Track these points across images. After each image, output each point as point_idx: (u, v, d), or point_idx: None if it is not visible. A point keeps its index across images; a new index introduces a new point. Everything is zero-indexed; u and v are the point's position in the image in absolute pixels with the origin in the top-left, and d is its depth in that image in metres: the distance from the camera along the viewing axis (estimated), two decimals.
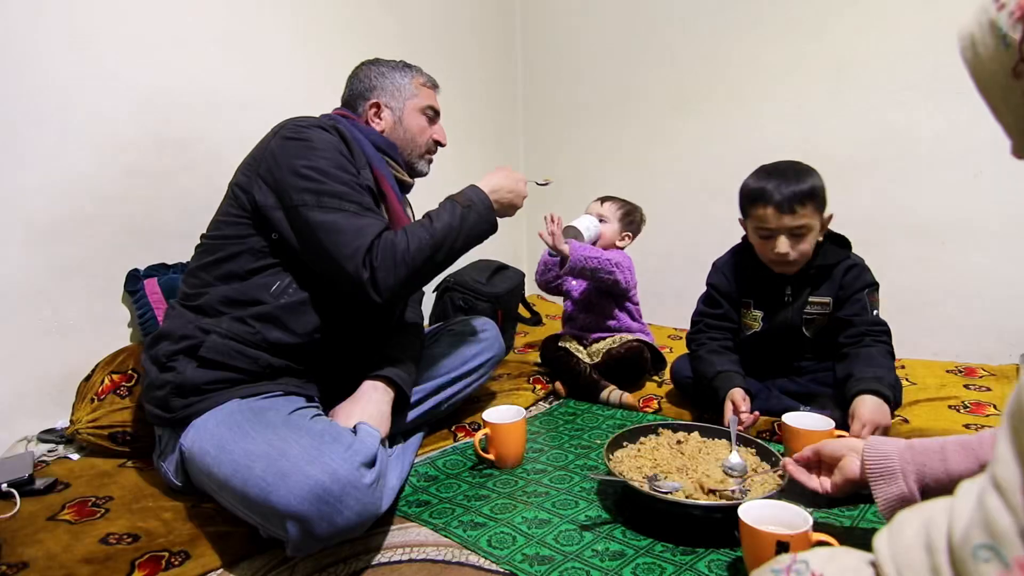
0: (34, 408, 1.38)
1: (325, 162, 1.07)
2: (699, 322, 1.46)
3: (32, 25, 1.36)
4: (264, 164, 1.09)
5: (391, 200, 1.19)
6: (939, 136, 1.79)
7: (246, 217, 1.11)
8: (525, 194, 1.25)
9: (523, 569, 0.88)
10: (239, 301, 1.08)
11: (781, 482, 0.98)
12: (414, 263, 1.05)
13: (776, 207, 1.22)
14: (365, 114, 1.27)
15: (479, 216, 1.14)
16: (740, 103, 2.15)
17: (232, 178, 1.16)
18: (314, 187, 1.05)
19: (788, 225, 1.23)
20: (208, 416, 0.99)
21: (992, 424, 1.22)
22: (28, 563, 0.90)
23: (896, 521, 0.43)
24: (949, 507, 0.38)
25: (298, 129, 1.10)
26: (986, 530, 0.33)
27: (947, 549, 0.36)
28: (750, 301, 1.40)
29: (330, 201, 1.04)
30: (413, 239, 1.06)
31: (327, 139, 1.10)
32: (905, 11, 1.80)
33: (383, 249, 1.04)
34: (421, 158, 1.33)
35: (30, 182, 1.37)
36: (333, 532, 0.82)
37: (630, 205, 1.80)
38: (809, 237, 1.25)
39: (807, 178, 1.23)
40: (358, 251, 1.02)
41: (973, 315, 1.79)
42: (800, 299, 1.34)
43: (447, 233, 1.09)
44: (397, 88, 1.28)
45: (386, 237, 1.05)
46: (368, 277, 1.03)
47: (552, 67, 2.67)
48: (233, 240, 1.11)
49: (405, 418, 1.28)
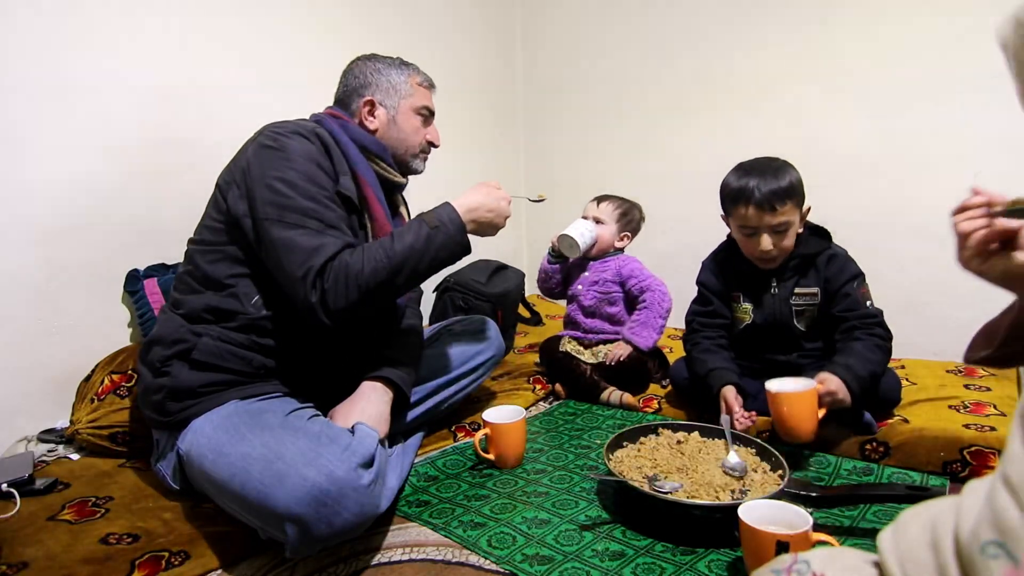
0: (34, 408, 1.38)
1: (295, 174, 1.04)
2: (692, 321, 1.47)
3: (32, 25, 1.36)
4: (239, 170, 1.08)
5: (373, 206, 1.16)
6: (939, 136, 1.78)
7: (224, 222, 1.09)
8: (507, 213, 1.19)
9: (523, 569, 0.88)
10: (222, 310, 1.07)
11: (781, 482, 0.98)
12: (367, 286, 1.01)
13: (757, 206, 1.24)
14: (359, 112, 1.23)
15: (448, 238, 1.08)
16: (740, 103, 2.15)
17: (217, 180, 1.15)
18: (279, 201, 1.02)
19: (770, 223, 1.25)
20: (205, 419, 0.99)
21: (992, 423, 1.22)
22: (28, 563, 0.90)
23: (901, 519, 0.43)
24: (956, 505, 0.38)
25: (275, 136, 1.07)
26: (995, 527, 0.33)
27: (954, 547, 0.36)
28: (739, 294, 1.42)
29: (291, 216, 1.01)
30: (369, 261, 1.01)
31: (304, 149, 1.07)
32: (905, 11, 1.80)
33: (336, 270, 0.99)
34: (415, 157, 1.30)
35: (30, 182, 1.36)
36: (332, 533, 0.82)
37: (627, 203, 1.76)
38: (790, 232, 1.28)
39: (785, 175, 1.24)
40: (309, 272, 0.99)
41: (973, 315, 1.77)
42: (785, 290, 1.35)
43: (408, 255, 1.04)
44: (393, 86, 1.25)
45: (341, 258, 1.01)
46: (317, 299, 0.99)
47: (552, 67, 2.67)
48: (214, 246, 1.10)
49: (405, 418, 1.28)
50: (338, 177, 1.11)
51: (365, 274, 1.00)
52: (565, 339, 1.74)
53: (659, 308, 1.64)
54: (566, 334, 1.77)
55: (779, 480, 1.01)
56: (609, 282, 1.70)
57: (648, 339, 1.61)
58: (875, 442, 1.21)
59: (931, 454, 1.16)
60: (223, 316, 1.07)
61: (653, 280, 1.68)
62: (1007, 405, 1.34)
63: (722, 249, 1.47)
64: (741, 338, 1.42)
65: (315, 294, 0.99)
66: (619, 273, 1.70)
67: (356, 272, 1.00)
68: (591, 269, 1.73)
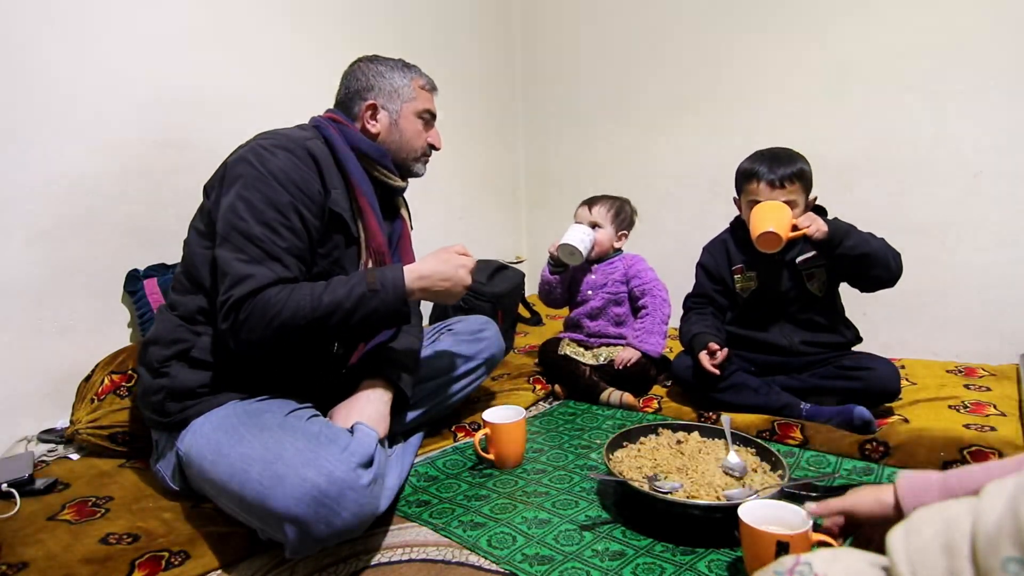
0: (34, 408, 1.38)
1: (258, 196, 1.01)
2: (685, 302, 1.58)
3: (33, 25, 1.36)
4: (218, 178, 1.07)
5: (368, 217, 1.15)
6: (939, 136, 1.78)
7: (207, 224, 1.08)
8: (465, 282, 1.12)
9: (523, 569, 0.88)
10: (214, 313, 1.05)
11: (781, 482, 0.98)
12: (282, 329, 0.97)
13: (768, 183, 1.36)
14: (360, 116, 1.21)
15: (382, 304, 1.02)
16: (740, 103, 2.15)
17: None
18: (232, 220, 1.00)
19: (778, 199, 1.34)
20: (204, 419, 0.99)
21: (992, 423, 1.22)
22: (28, 563, 0.90)
23: (914, 519, 0.42)
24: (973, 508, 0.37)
25: (259, 151, 1.04)
26: (1017, 544, 0.33)
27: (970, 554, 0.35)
28: (741, 266, 1.48)
29: (236, 238, 0.99)
30: (289, 307, 0.97)
31: (285, 167, 1.03)
32: (905, 12, 1.80)
33: (256, 306, 0.96)
34: (416, 161, 1.28)
35: (30, 182, 1.37)
36: (331, 534, 0.82)
37: (619, 201, 1.73)
38: (795, 211, 1.36)
39: (796, 162, 1.37)
40: (228, 299, 0.97)
41: (973, 315, 1.79)
42: (790, 256, 1.41)
43: (334, 310, 0.99)
44: (395, 90, 1.23)
45: (266, 294, 0.97)
46: (228, 327, 0.97)
47: (552, 67, 2.67)
48: (199, 248, 1.09)
49: (405, 418, 1.28)
50: (329, 192, 1.09)
51: (282, 317, 0.97)
52: (564, 341, 1.74)
53: (661, 314, 1.66)
54: (566, 336, 1.76)
55: (779, 480, 1.01)
56: (618, 282, 1.70)
57: (657, 345, 1.62)
58: (875, 442, 1.21)
59: (931, 454, 1.16)
60: (215, 318, 1.05)
61: (655, 284, 1.68)
62: (1007, 405, 1.34)
63: (726, 231, 1.55)
64: (747, 308, 1.48)
65: (226, 323, 0.98)
66: (626, 273, 1.70)
67: (274, 313, 0.97)
68: (597, 272, 1.72)
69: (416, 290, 1.07)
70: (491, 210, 2.67)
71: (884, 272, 1.32)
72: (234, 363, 1.05)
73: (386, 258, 1.19)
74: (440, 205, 2.36)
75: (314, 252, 1.09)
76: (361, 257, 1.17)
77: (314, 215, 1.07)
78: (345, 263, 1.15)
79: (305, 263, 1.06)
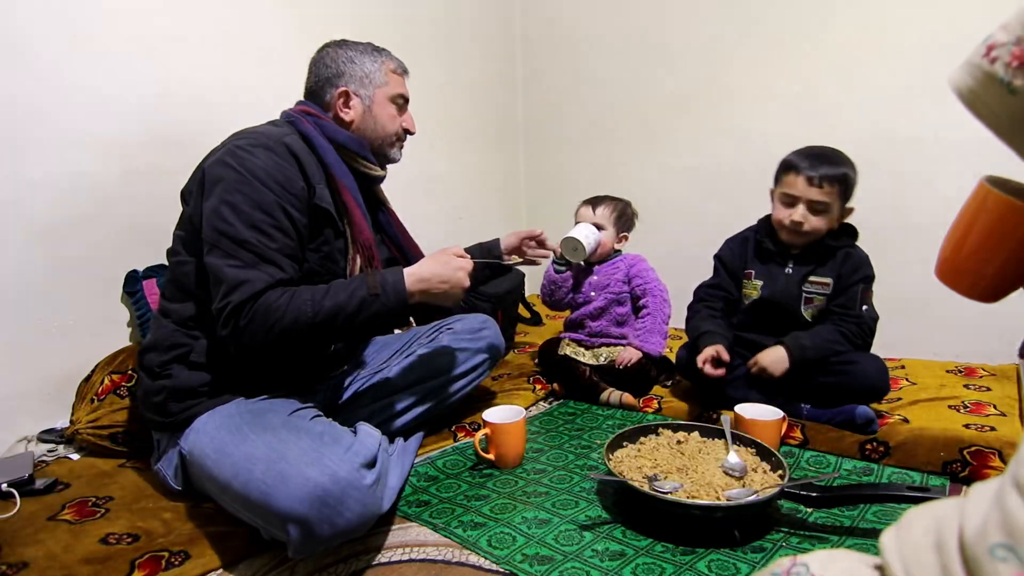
0: (34, 408, 1.38)
1: (242, 198, 0.99)
2: (698, 290, 1.55)
3: (33, 25, 1.35)
4: (197, 182, 1.06)
5: (352, 212, 1.14)
6: (939, 136, 1.78)
7: (187, 231, 1.07)
8: (464, 284, 1.12)
9: (523, 569, 0.88)
10: (205, 319, 1.05)
11: (781, 482, 0.98)
12: (286, 333, 0.97)
13: (807, 179, 1.32)
14: (333, 104, 1.18)
15: (384, 307, 1.03)
16: (740, 103, 2.15)
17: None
18: (219, 226, 0.98)
19: (811, 197, 1.31)
20: (207, 418, 0.99)
21: (992, 423, 1.22)
22: (28, 563, 0.90)
23: (905, 519, 0.42)
24: (960, 507, 0.38)
25: (237, 152, 1.02)
26: (1005, 529, 0.33)
27: (958, 549, 0.36)
28: (752, 272, 1.46)
29: (226, 244, 0.98)
30: (292, 310, 0.97)
31: (266, 166, 1.01)
32: (905, 11, 1.80)
33: (257, 312, 0.96)
34: (392, 147, 1.26)
35: (30, 182, 1.36)
36: (334, 533, 0.82)
37: (621, 203, 1.74)
38: (826, 215, 1.33)
39: (841, 165, 1.32)
40: (226, 307, 0.96)
41: (973, 315, 1.77)
42: (799, 273, 1.40)
43: (336, 314, 1.00)
44: (367, 75, 1.19)
45: (266, 298, 0.96)
46: (228, 333, 0.97)
47: (552, 67, 2.67)
48: (183, 253, 1.08)
49: (404, 418, 1.28)
50: (314, 188, 1.08)
51: (285, 321, 0.97)
52: (564, 341, 1.73)
53: (661, 314, 1.66)
54: (566, 336, 1.76)
55: (779, 480, 1.01)
56: (620, 282, 1.70)
57: (658, 345, 1.62)
58: (875, 442, 1.21)
59: (931, 454, 1.16)
60: (207, 324, 1.05)
61: (656, 284, 1.68)
62: (1007, 405, 1.34)
63: (750, 228, 1.53)
64: (746, 315, 1.47)
65: (226, 329, 0.97)
66: (628, 273, 1.70)
67: (277, 318, 0.96)
68: (599, 273, 1.72)
69: (416, 292, 1.08)
70: (491, 211, 2.67)
71: (856, 348, 1.33)
72: (233, 364, 1.05)
73: (374, 252, 1.18)
74: (440, 206, 2.37)
75: (304, 248, 1.08)
76: (349, 253, 1.15)
77: (300, 212, 1.05)
78: (336, 256, 1.14)
79: (297, 261, 1.06)
